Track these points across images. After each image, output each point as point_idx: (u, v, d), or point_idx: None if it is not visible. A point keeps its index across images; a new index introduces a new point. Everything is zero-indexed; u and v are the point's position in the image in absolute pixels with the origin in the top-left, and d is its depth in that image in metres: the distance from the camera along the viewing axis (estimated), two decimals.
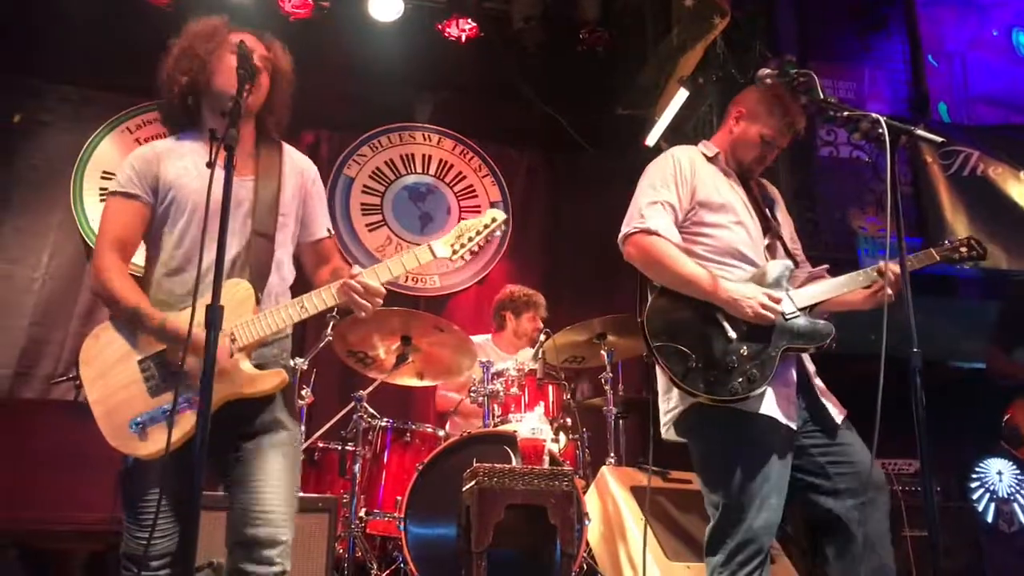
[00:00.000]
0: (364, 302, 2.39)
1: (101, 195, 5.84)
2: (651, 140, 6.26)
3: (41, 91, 5.96)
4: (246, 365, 2.35)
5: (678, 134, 6.02)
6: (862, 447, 2.69)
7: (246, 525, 2.28)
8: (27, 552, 3.92)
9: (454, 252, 2.53)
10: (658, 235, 2.76)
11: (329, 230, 2.72)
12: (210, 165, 2.17)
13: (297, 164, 2.68)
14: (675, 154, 2.95)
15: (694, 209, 2.85)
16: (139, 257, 2.53)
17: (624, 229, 2.83)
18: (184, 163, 2.49)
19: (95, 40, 5.75)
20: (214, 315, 2.01)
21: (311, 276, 2.67)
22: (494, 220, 2.59)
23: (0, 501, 3.43)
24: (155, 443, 2.26)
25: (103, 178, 5.88)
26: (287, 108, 2.66)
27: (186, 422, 2.25)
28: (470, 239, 2.54)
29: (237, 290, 2.36)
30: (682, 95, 5.87)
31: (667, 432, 2.82)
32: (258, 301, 2.40)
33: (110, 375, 2.33)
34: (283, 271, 2.55)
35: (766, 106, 2.92)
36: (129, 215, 2.47)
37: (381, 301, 2.43)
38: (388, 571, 3.96)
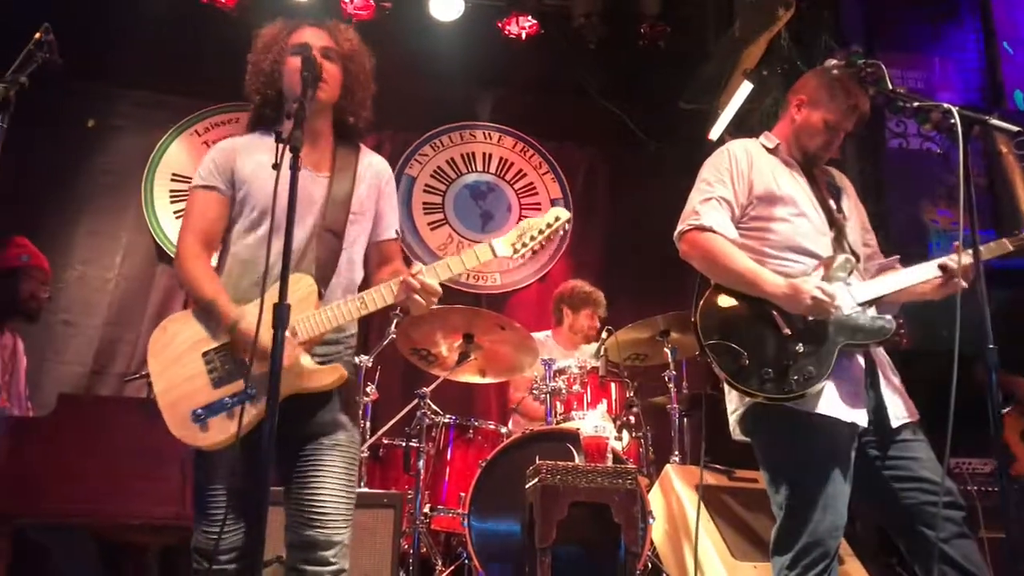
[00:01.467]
0: (421, 300, 2.40)
1: (171, 197, 5.98)
2: (715, 134, 6.19)
3: (113, 96, 6.14)
4: (306, 360, 2.38)
5: (742, 128, 5.94)
6: (928, 458, 2.60)
7: (303, 526, 2.33)
8: (105, 545, 4.03)
9: (515, 251, 2.53)
10: (712, 231, 2.72)
11: (397, 232, 2.73)
12: (275, 166, 2.20)
13: (374, 164, 2.70)
14: (731, 148, 2.90)
15: (752, 204, 2.80)
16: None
17: (679, 227, 2.81)
18: (260, 159, 2.52)
19: (164, 45, 5.90)
20: (281, 314, 2.04)
21: (372, 275, 2.68)
22: (557, 219, 2.58)
23: (79, 495, 3.52)
24: (216, 434, 2.31)
25: (173, 180, 6.03)
26: (367, 95, 2.66)
27: (246, 415, 2.29)
28: (532, 238, 2.54)
29: (300, 285, 2.39)
30: (746, 88, 5.79)
31: (734, 431, 2.79)
32: (321, 296, 2.43)
33: (175, 367, 2.38)
34: (351, 269, 2.57)
35: (828, 90, 2.85)
36: (210, 206, 2.53)
37: (437, 300, 2.44)
38: (453, 567, 3.99)
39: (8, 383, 4.23)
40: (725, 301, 2.70)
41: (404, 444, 4.19)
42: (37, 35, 2.41)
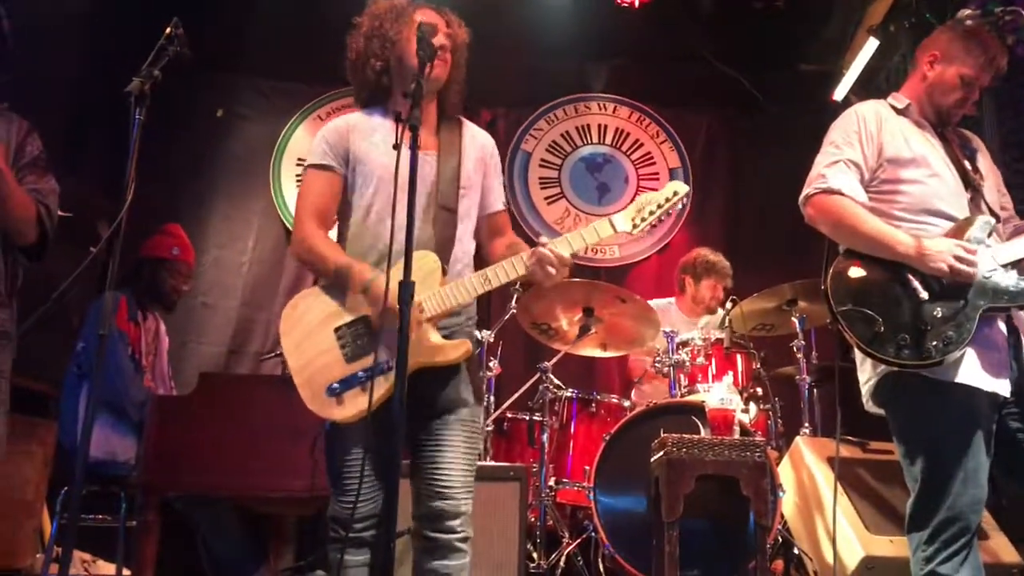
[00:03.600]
0: (553, 272, 2.41)
1: (297, 181, 6.17)
2: (839, 95, 5.96)
3: (239, 86, 6.37)
4: (433, 335, 2.42)
5: (869, 87, 5.69)
6: None
7: (430, 498, 2.40)
8: (246, 515, 4.23)
9: (634, 226, 2.52)
10: (840, 194, 2.63)
11: (504, 203, 2.76)
12: (396, 146, 2.25)
13: (477, 138, 2.73)
14: (859, 110, 2.79)
15: (882, 166, 2.70)
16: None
17: (805, 191, 2.73)
18: (373, 138, 2.59)
19: (284, 34, 6.06)
20: (407, 291, 2.09)
21: (485, 248, 2.72)
22: (675, 193, 2.55)
23: (220, 469, 3.69)
24: (350, 407, 2.39)
25: (298, 165, 6.22)
26: (464, 80, 2.72)
27: (379, 388, 2.35)
28: (651, 212, 2.52)
29: (425, 262, 2.43)
30: (872, 45, 5.54)
31: (867, 403, 2.70)
32: (444, 272, 2.48)
33: (307, 343, 2.46)
34: (465, 243, 2.61)
35: (963, 44, 2.72)
36: (325, 185, 2.59)
37: (567, 272, 2.46)
38: (579, 540, 4.02)
39: (153, 364, 4.47)
40: (856, 266, 2.61)
41: (528, 418, 4.23)
42: (167, 30, 2.51)
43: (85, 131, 5.31)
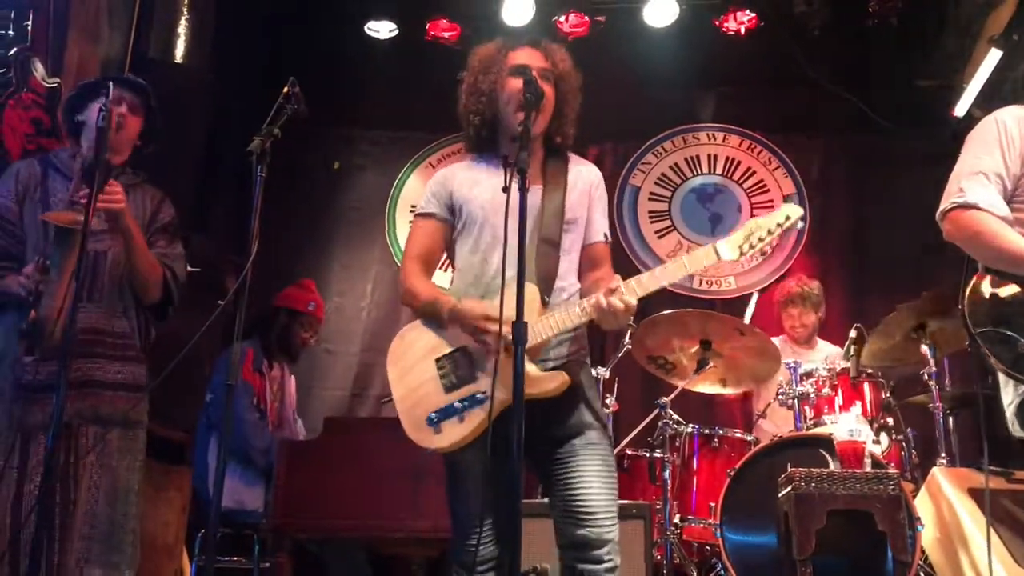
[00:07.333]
0: (613, 319, 2.36)
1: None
2: (960, 110, 5.72)
3: (353, 139, 6.60)
4: (530, 367, 2.37)
5: (993, 100, 5.44)
6: None
7: (574, 527, 2.37)
8: (374, 556, 4.31)
9: (742, 253, 2.41)
10: (978, 209, 2.51)
11: (605, 235, 2.70)
12: (506, 190, 2.28)
13: (583, 173, 2.72)
14: (999, 117, 2.66)
15: None
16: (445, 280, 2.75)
17: (942, 205, 2.62)
18: (478, 183, 2.64)
19: (395, 86, 6.28)
20: (519, 331, 2.11)
21: (581, 280, 2.67)
22: (788, 218, 2.43)
23: (347, 511, 3.77)
24: (448, 437, 2.42)
25: (411, 211, 6.36)
26: (575, 112, 2.70)
27: (475, 419, 2.38)
28: (760, 239, 2.41)
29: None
30: (994, 56, 5.31)
31: (1012, 427, 2.55)
32: (544, 304, 2.46)
33: (411, 374, 2.52)
34: (570, 277, 2.60)
35: None
36: (427, 231, 2.68)
37: (629, 316, 2.38)
38: None
39: (277, 412, 4.62)
40: (996, 285, 2.49)
41: (648, 455, 4.17)
42: (285, 89, 2.63)
43: (213, 190, 5.59)
